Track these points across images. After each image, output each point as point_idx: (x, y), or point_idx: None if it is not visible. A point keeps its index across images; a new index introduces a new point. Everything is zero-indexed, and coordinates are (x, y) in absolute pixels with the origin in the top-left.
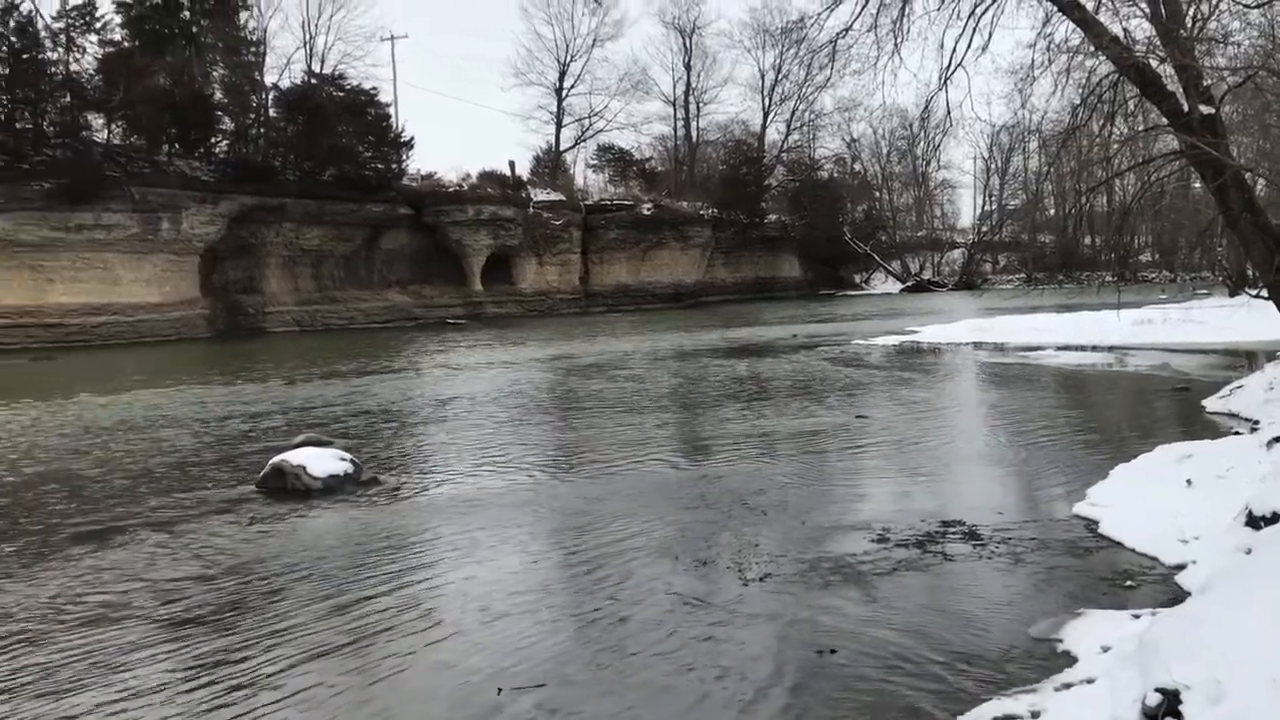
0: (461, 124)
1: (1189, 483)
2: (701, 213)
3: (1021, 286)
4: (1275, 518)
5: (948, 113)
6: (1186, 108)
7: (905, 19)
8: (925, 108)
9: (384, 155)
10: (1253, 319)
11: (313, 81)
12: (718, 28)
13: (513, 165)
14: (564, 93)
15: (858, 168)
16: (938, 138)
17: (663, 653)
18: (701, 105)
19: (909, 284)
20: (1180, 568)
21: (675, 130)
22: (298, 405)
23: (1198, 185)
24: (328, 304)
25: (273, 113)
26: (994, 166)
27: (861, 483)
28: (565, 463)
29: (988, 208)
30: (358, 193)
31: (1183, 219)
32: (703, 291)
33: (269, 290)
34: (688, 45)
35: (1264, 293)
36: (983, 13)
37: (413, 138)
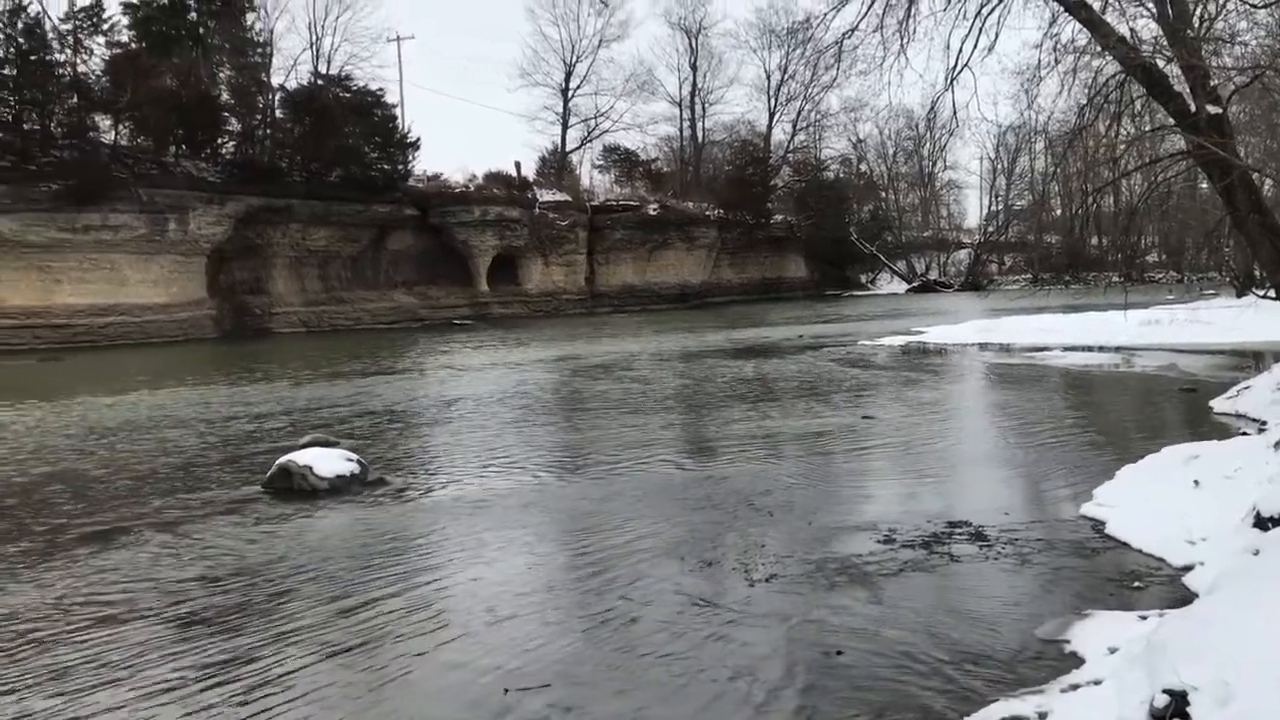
0: (468, 125)
1: (1196, 483)
2: (707, 213)
3: (1028, 287)
4: None
5: (954, 113)
6: (1193, 108)
7: (911, 19)
8: (931, 108)
9: (390, 156)
10: (1260, 319)
11: (319, 82)
12: (723, 28)
13: (518, 166)
14: (570, 93)
15: (864, 168)
16: (944, 138)
17: (672, 653)
18: (707, 106)
19: (915, 284)
20: (1188, 569)
21: (681, 131)
22: (304, 406)
23: (1205, 185)
24: (334, 305)
25: (279, 114)
26: (1000, 167)
27: (868, 483)
28: (571, 463)
29: (994, 208)
30: (364, 193)
31: (1190, 219)
32: (709, 292)
33: (275, 291)
34: (693, 46)
35: (1271, 293)
36: (989, 13)
37: (419, 139)
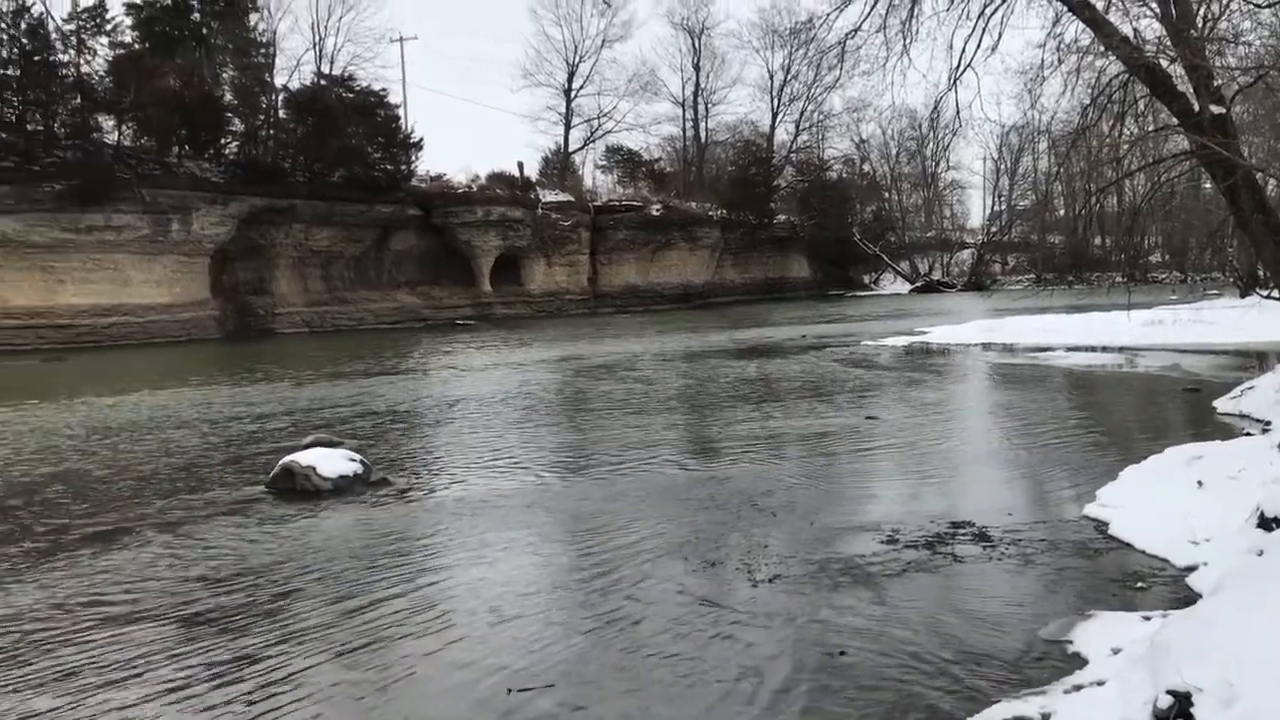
0: (470, 125)
1: (1200, 484)
2: (710, 213)
3: (1031, 287)
4: None
5: (957, 113)
6: (1197, 108)
7: (914, 19)
8: (934, 108)
9: (393, 156)
10: (1264, 319)
11: (322, 83)
12: (726, 28)
13: (521, 166)
14: (573, 94)
15: (867, 168)
16: (947, 138)
17: (676, 654)
18: (710, 106)
19: (918, 285)
20: (1191, 569)
21: (684, 131)
22: (306, 406)
23: (1208, 186)
24: (337, 305)
25: (282, 114)
26: (1003, 167)
27: (871, 484)
28: (574, 464)
29: (997, 208)
30: (367, 194)
31: (1193, 219)
32: (711, 292)
33: (279, 291)
34: (696, 46)
35: (1275, 293)
36: (992, 13)
37: (422, 139)
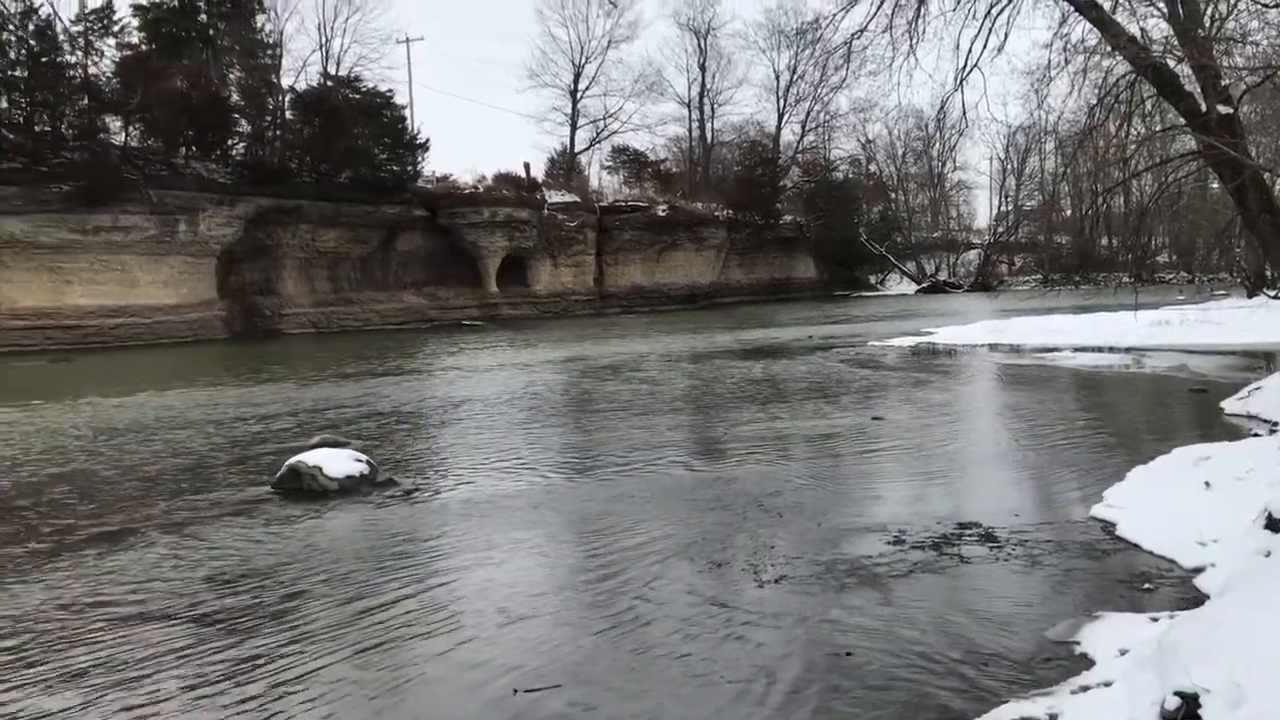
0: (477, 126)
1: (1207, 485)
2: (716, 214)
3: (1038, 288)
4: None
5: (963, 113)
6: (1204, 108)
7: (921, 20)
8: (941, 108)
9: (400, 157)
10: (1271, 320)
11: (329, 84)
12: (732, 29)
13: (528, 167)
14: (579, 94)
15: (873, 169)
16: (953, 138)
17: (683, 654)
18: (716, 106)
19: (924, 285)
20: (1199, 570)
21: (690, 131)
22: (313, 406)
23: (1215, 186)
24: (343, 306)
25: (289, 115)
26: (1010, 167)
27: (877, 485)
28: (580, 465)
29: (1004, 209)
30: (373, 195)
31: (1200, 219)
32: (718, 293)
33: (285, 292)
34: (702, 46)
35: None
36: (998, 13)
37: (428, 140)
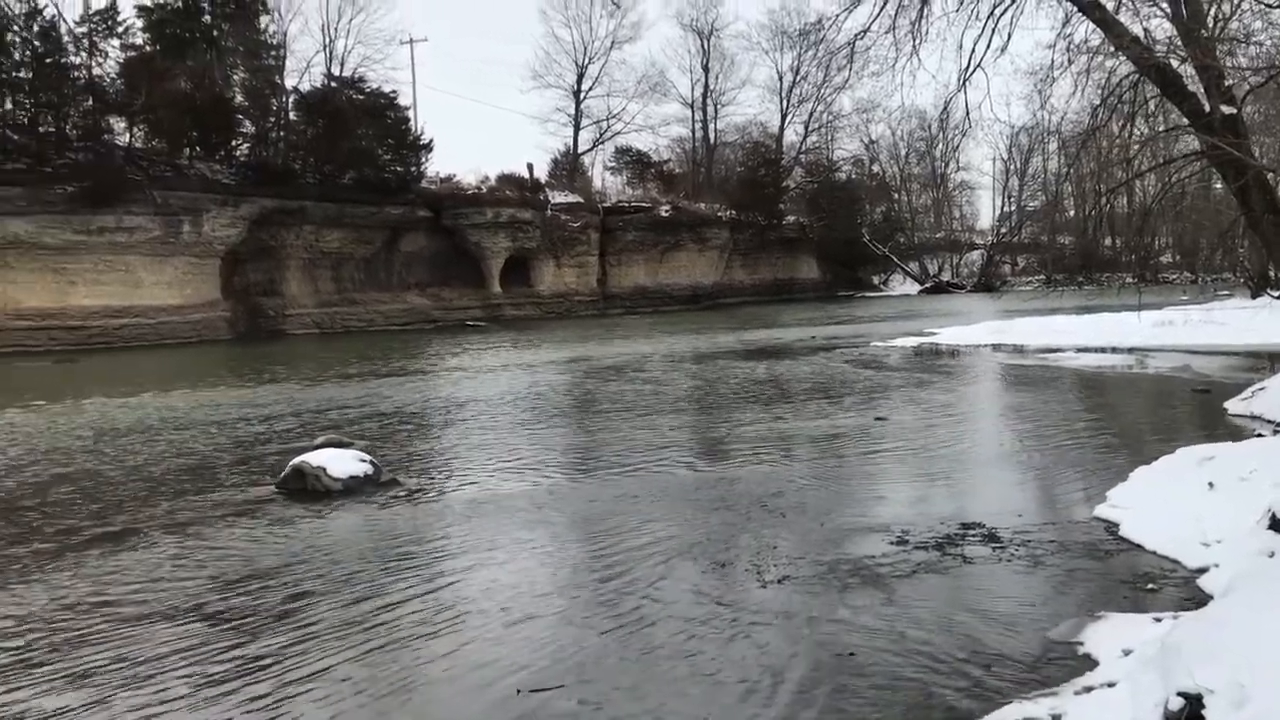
0: (480, 127)
1: (1211, 485)
2: (719, 214)
3: (1041, 288)
4: None
5: (966, 114)
6: (1208, 108)
7: (924, 20)
8: (944, 109)
9: (403, 158)
10: (1275, 320)
11: (332, 85)
12: (735, 30)
13: (531, 168)
14: (582, 95)
15: (876, 169)
16: (956, 139)
17: (687, 654)
18: (719, 107)
19: (927, 285)
20: (1202, 571)
21: (693, 132)
22: (316, 407)
23: (1219, 186)
24: (347, 306)
25: (293, 116)
26: (1013, 168)
27: (880, 485)
28: (583, 465)
29: (1007, 209)
30: (377, 195)
31: (1204, 220)
32: (720, 293)
33: (289, 293)
34: (705, 47)
35: None
36: (1001, 13)
37: (432, 140)
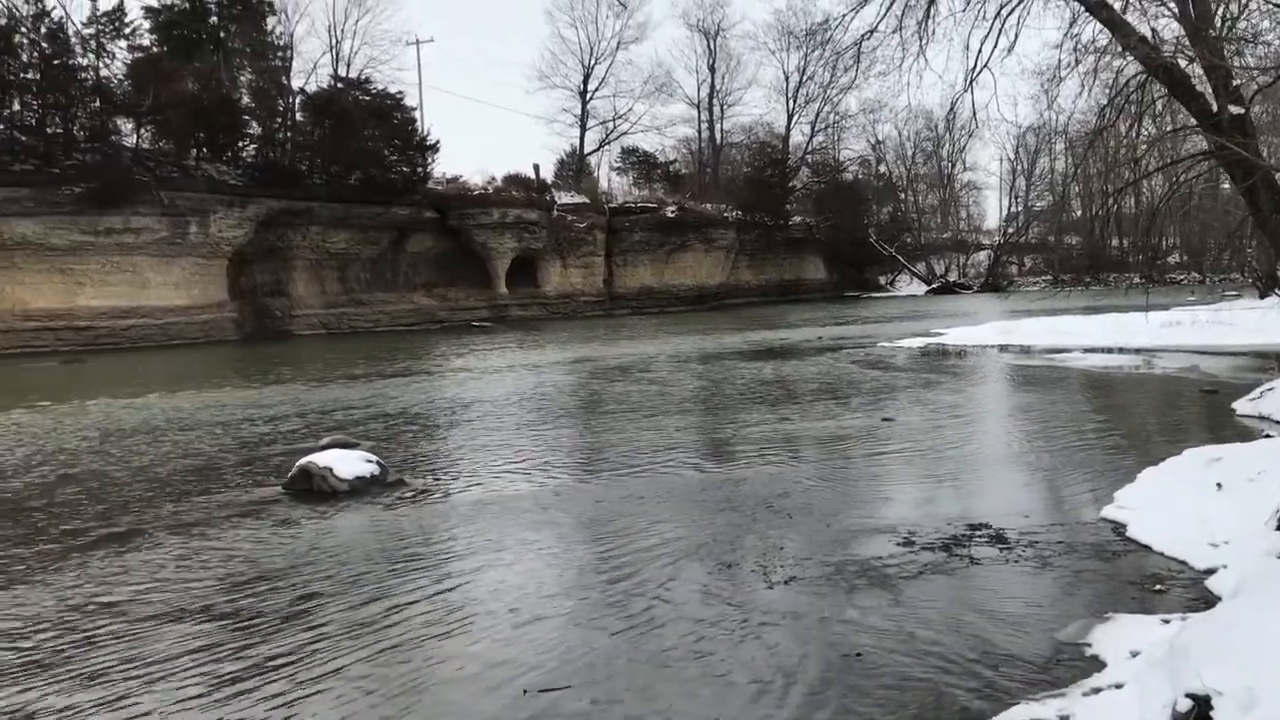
0: (486, 128)
1: (1219, 486)
2: (726, 215)
3: (1048, 288)
4: None
5: (973, 114)
6: (1216, 108)
7: (930, 20)
8: (951, 109)
9: (409, 159)
10: None
11: (339, 86)
12: (742, 30)
13: (537, 168)
14: (588, 96)
15: (883, 169)
16: (963, 139)
17: (695, 655)
18: (725, 107)
19: (934, 286)
20: (1210, 572)
21: (699, 133)
22: (323, 407)
23: (1227, 186)
24: (354, 307)
25: (299, 117)
26: (1020, 168)
27: (887, 486)
28: (590, 465)
29: (1014, 209)
30: (383, 196)
31: (1212, 220)
32: (727, 294)
33: (296, 293)
34: (712, 48)
35: None
36: (1008, 13)
37: (438, 141)
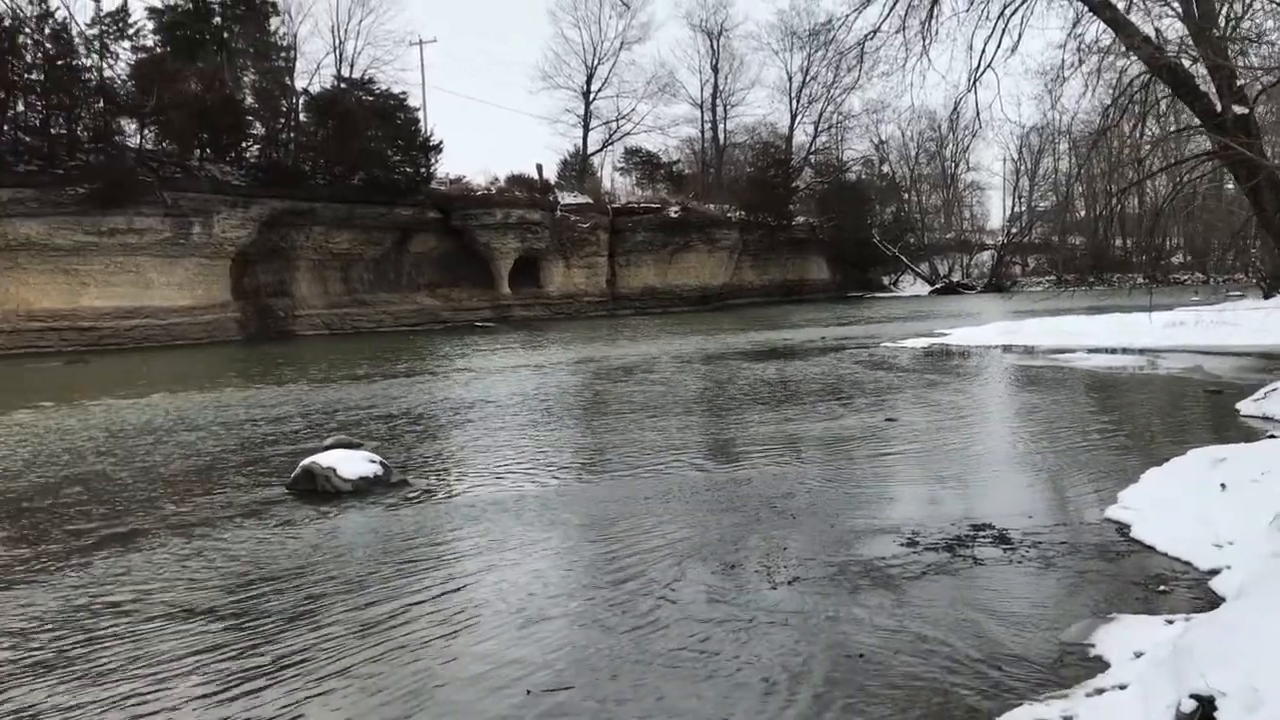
0: (490, 128)
1: (1223, 486)
2: (729, 215)
3: (1051, 289)
4: None
5: (977, 114)
6: (1220, 108)
7: (934, 20)
8: (954, 109)
9: (413, 159)
10: None
11: (342, 86)
12: (745, 30)
13: (540, 169)
14: (591, 96)
15: (886, 169)
16: (967, 139)
17: (700, 655)
18: (729, 108)
19: (938, 286)
20: (1214, 572)
21: (702, 133)
22: (326, 408)
23: (1231, 186)
24: (357, 307)
25: (303, 117)
26: (1023, 168)
27: (890, 486)
28: (593, 466)
29: (1017, 209)
30: (387, 196)
31: (1216, 220)
32: (730, 294)
33: (299, 294)
34: (715, 48)
35: None
36: (1012, 13)
37: (441, 142)
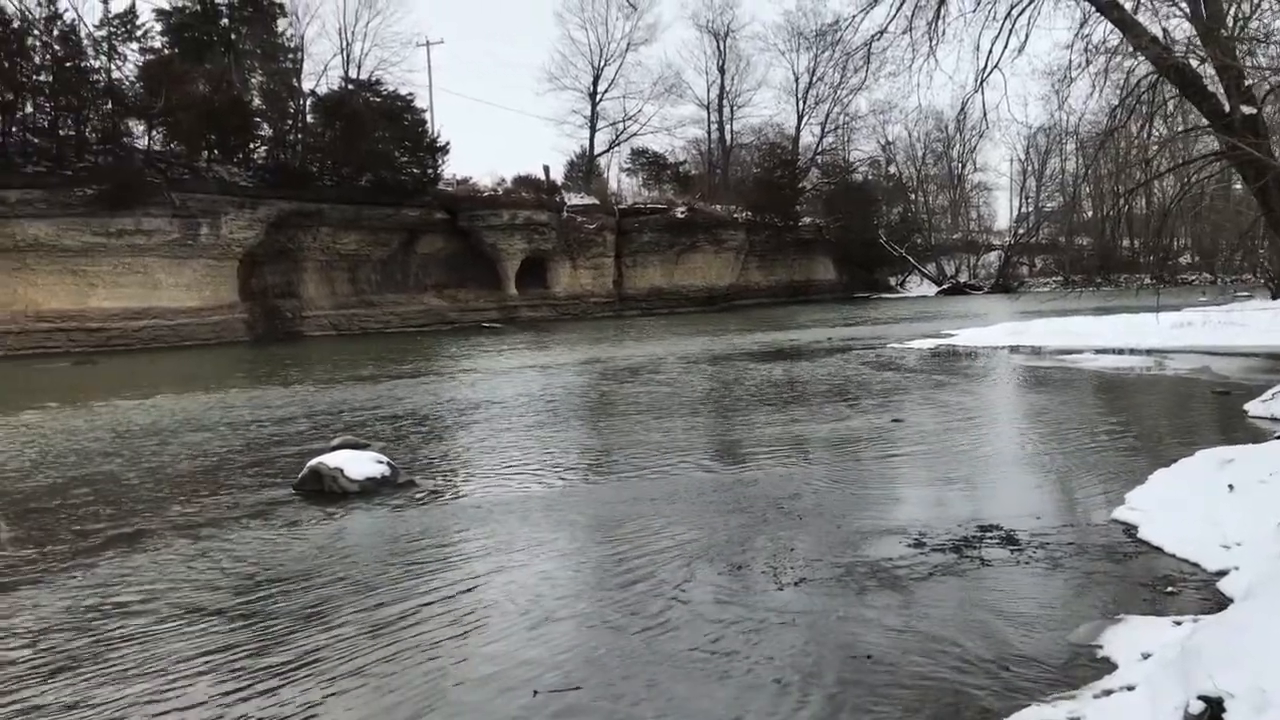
0: (496, 129)
1: (1231, 488)
2: (735, 216)
3: (1059, 289)
4: None
5: (984, 114)
6: (1228, 108)
7: (941, 21)
8: (961, 109)
9: (420, 160)
10: None
11: (350, 87)
12: (751, 31)
13: (547, 170)
14: (598, 97)
15: (893, 170)
16: (974, 139)
17: (707, 655)
18: (735, 108)
19: (945, 287)
20: (1222, 574)
21: (709, 133)
22: (333, 409)
23: (1238, 187)
24: (364, 308)
25: (310, 119)
26: (1030, 168)
27: (897, 487)
28: (599, 466)
29: (1024, 210)
30: (394, 198)
31: (1223, 221)
32: (736, 295)
33: (306, 295)
34: (721, 49)
35: None
36: (1019, 14)
37: (448, 143)
